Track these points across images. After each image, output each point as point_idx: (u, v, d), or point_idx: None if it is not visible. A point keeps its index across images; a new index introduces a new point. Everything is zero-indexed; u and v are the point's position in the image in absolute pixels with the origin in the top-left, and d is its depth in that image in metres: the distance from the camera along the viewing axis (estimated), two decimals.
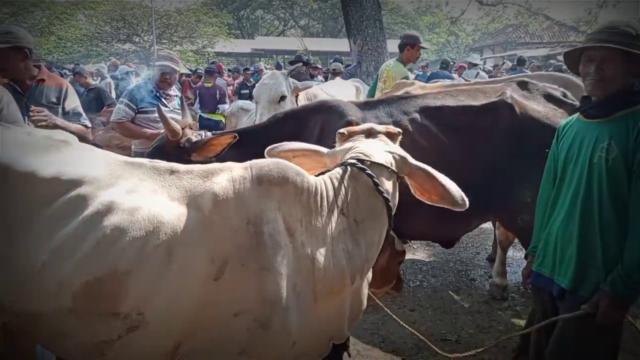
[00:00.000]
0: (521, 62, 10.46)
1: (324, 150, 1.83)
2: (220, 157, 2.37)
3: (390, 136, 1.80)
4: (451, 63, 10.83)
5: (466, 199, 1.61)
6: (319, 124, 2.71)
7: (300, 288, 1.47)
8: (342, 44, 11.00)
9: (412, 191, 1.71)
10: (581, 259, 1.73)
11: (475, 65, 9.75)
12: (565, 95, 2.81)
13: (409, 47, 4.87)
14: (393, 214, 1.64)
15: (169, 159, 1.79)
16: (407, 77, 4.73)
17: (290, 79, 3.93)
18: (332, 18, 32.99)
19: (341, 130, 1.82)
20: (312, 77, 8.00)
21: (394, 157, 1.68)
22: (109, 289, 1.33)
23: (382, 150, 1.68)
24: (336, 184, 1.59)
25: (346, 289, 1.58)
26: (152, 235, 1.37)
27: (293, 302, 1.44)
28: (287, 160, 1.67)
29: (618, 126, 1.68)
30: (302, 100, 4.01)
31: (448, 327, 3.24)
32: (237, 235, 1.42)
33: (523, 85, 2.88)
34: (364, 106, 2.85)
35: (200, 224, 1.42)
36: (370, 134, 1.79)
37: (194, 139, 2.51)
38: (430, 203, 1.67)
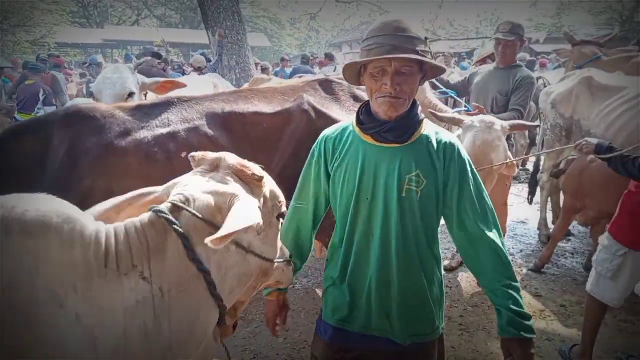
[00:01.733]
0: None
1: (156, 189, 1.33)
2: None
3: (242, 177, 1.29)
4: (311, 58, 11.08)
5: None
6: (65, 142, 1.98)
7: None
8: (203, 36, 10.49)
9: None
10: (410, 308, 1.49)
11: (332, 59, 10.08)
12: None
13: None
14: (221, 288, 1.19)
15: None
16: None
17: (138, 75, 3.53)
18: (190, 8, 31.50)
19: (193, 154, 1.34)
20: (164, 71, 7.49)
21: (215, 205, 1.18)
22: None
23: (209, 193, 1.20)
24: (135, 236, 1.12)
25: None
26: None
27: None
28: (113, 220, 1.20)
29: (419, 151, 1.44)
30: None
31: None
32: None
33: (326, 85, 2.59)
34: (134, 111, 2.20)
35: None
36: (216, 166, 1.30)
37: None
38: None
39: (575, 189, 3.51)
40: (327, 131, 1.61)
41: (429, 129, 1.50)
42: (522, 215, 5.32)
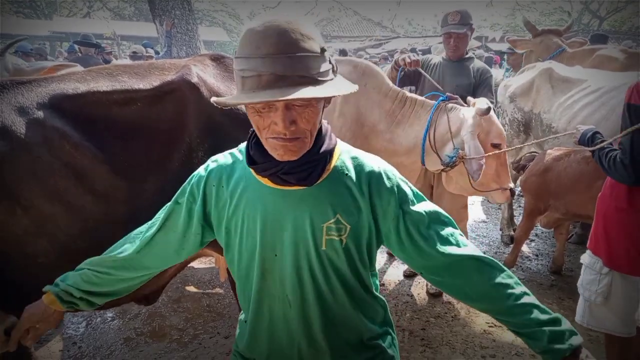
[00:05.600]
0: (343, 53, 10.83)
1: None
2: None
3: None
4: None
5: None
6: None
7: None
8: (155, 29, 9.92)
9: None
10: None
11: None
12: None
13: None
14: None
15: None
16: None
17: (11, 60, 3.06)
18: (144, 0, 30.36)
19: None
20: (106, 62, 6.91)
21: None
22: None
23: None
24: None
25: None
26: None
27: None
28: None
29: (334, 190, 1.08)
30: None
31: None
32: None
33: (219, 61, 2.06)
34: None
35: None
36: None
37: None
38: None
39: (538, 189, 3.29)
40: (211, 165, 1.18)
41: (344, 155, 1.13)
42: (483, 215, 5.14)
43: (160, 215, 1.24)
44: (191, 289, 3.49)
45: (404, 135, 2.90)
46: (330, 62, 1.00)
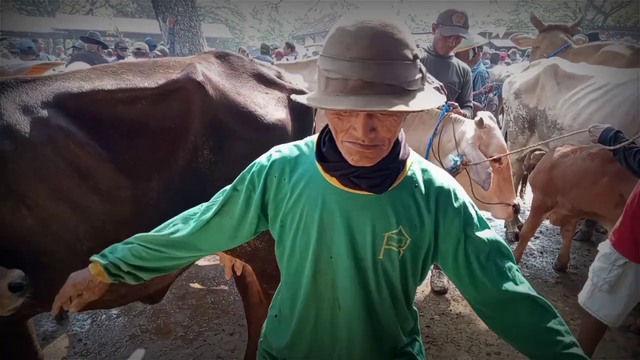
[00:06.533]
0: None
1: None
2: None
3: None
4: (272, 48, 10.88)
5: None
6: None
7: None
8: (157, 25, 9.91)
9: None
10: None
11: (292, 49, 9.89)
12: (280, 77, 2.05)
13: None
14: None
15: None
16: None
17: None
18: None
19: None
20: (121, 58, 6.93)
21: None
22: None
23: None
24: None
25: None
26: None
27: None
28: None
29: (401, 200, 1.05)
30: None
31: None
32: None
33: (224, 59, 2.01)
34: None
35: None
36: None
37: None
38: None
39: (545, 185, 3.28)
40: (274, 155, 1.15)
41: (415, 166, 1.10)
42: (487, 213, 5.12)
43: (218, 199, 1.22)
44: (196, 286, 3.50)
45: (408, 138, 2.92)
46: (420, 71, 0.94)
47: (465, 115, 2.93)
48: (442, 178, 1.10)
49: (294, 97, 1.00)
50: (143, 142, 1.65)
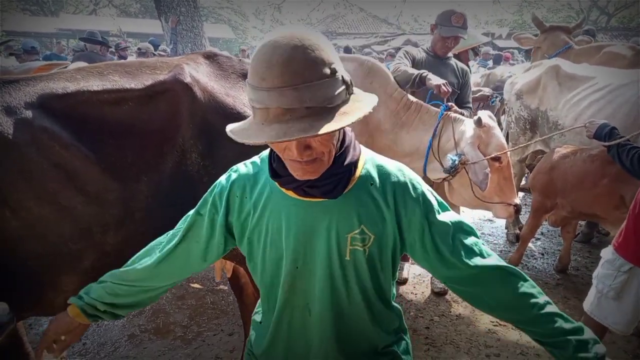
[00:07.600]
0: (347, 50, 10.81)
1: None
2: None
3: None
4: None
5: None
6: None
7: None
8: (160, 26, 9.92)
9: None
10: None
11: None
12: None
13: None
14: None
15: None
16: None
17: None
18: None
19: None
20: (122, 59, 6.93)
21: None
22: None
23: None
24: None
25: None
26: None
27: None
28: None
29: (359, 200, 1.06)
30: None
31: None
32: None
33: (212, 59, 1.97)
34: None
35: None
36: None
37: None
38: None
39: (545, 186, 3.26)
40: (233, 175, 1.16)
41: (369, 164, 1.10)
42: (488, 214, 5.11)
43: (182, 226, 1.22)
44: (195, 286, 3.50)
45: (408, 137, 2.91)
46: (343, 81, 0.91)
47: (463, 114, 2.91)
48: (398, 171, 1.11)
49: (228, 132, 0.97)
50: (130, 144, 1.63)
